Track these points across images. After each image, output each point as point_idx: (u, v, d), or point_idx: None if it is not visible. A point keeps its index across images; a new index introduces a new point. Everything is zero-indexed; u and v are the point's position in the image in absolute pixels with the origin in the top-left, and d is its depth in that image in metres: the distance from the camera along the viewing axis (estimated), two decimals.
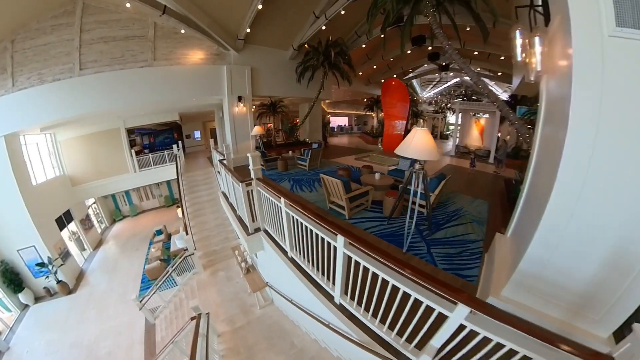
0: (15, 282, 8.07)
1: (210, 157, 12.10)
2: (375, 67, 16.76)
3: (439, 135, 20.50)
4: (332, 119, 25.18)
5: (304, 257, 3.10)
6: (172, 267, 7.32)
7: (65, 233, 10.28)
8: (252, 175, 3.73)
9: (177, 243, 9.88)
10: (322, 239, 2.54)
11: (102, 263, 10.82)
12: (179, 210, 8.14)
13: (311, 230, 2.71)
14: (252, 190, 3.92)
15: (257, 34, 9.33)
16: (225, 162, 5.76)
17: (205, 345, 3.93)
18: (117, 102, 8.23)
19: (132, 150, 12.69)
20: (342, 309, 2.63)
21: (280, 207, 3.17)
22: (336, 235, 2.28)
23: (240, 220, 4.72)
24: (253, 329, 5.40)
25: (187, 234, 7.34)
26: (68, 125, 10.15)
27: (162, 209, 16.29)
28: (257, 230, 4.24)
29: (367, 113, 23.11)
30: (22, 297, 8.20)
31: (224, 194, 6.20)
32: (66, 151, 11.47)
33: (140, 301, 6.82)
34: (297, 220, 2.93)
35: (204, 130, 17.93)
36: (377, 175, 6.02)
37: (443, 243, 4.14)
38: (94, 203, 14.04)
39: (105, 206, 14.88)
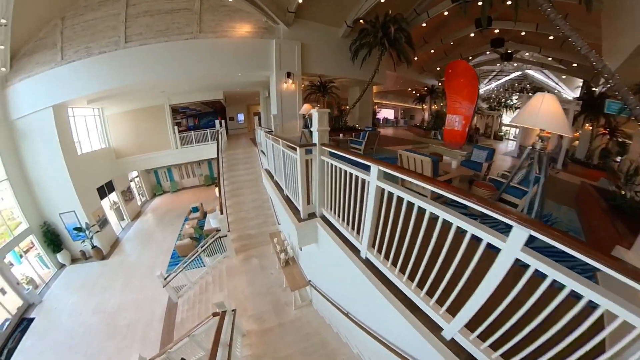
0: (55, 243, 8.38)
1: (253, 138, 11.56)
2: (432, 51, 15.05)
3: (493, 135, 18.31)
4: (378, 110, 23.75)
5: (392, 264, 2.01)
6: (202, 247, 6.78)
7: (106, 202, 10.41)
8: (316, 140, 2.74)
9: (211, 222, 9.46)
10: (463, 235, 1.44)
11: (138, 234, 10.85)
12: (217, 189, 7.63)
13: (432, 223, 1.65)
14: (311, 160, 2.93)
15: (309, 8, 8.55)
16: (272, 133, 4.90)
17: (227, 353, 3.10)
18: (161, 74, 8.10)
19: (175, 127, 12.60)
20: (455, 348, 1.55)
21: (367, 182, 2.10)
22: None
23: (288, 201, 3.72)
24: (286, 335, 4.50)
25: (221, 213, 6.68)
26: (114, 100, 10.24)
27: (201, 187, 16.34)
28: (311, 216, 3.21)
29: (417, 106, 21.31)
30: (60, 257, 8.52)
31: (268, 172, 5.32)
32: (112, 125, 11.69)
33: (165, 279, 6.37)
34: (403, 202, 1.78)
35: (247, 113, 17.70)
36: (453, 164, 4.78)
37: (549, 254, 2.92)
38: (137, 177, 14.37)
39: (147, 180, 15.22)
